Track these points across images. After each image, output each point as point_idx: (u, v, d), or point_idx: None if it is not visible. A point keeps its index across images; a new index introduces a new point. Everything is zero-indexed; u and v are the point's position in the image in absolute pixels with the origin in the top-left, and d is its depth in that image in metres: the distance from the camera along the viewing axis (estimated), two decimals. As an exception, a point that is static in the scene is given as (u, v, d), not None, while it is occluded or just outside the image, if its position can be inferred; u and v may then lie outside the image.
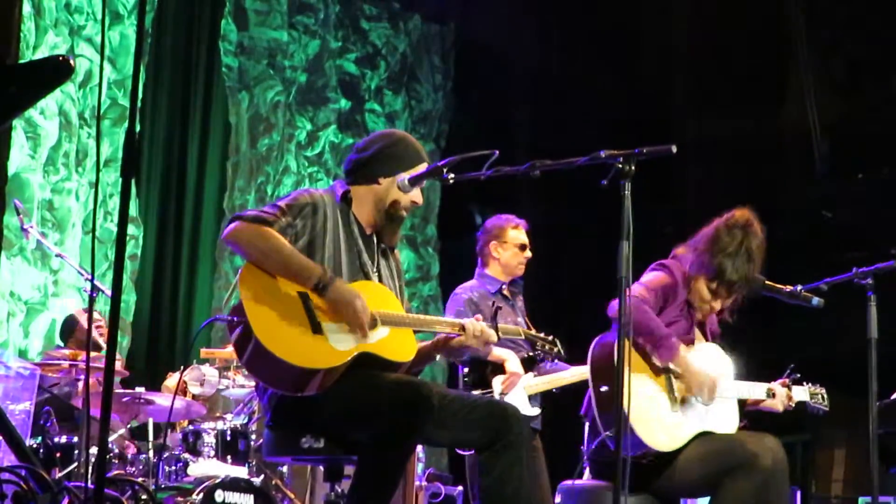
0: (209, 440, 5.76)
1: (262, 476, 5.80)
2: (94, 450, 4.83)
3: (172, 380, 6.07)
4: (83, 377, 5.72)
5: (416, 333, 3.82)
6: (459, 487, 6.83)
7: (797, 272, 4.73)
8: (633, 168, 3.40)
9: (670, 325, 4.39)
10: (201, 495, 5.14)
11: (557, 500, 4.64)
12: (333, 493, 3.85)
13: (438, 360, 4.05)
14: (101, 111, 4.08)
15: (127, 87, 7.82)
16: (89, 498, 3.23)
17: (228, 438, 5.81)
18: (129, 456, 5.76)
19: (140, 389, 5.80)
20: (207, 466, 5.60)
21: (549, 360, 5.11)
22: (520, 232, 5.64)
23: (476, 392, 5.15)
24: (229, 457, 5.77)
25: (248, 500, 5.28)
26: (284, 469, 6.15)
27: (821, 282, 4.58)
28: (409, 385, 3.54)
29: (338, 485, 3.84)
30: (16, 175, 7.18)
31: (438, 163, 3.80)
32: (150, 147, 8.19)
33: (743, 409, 4.55)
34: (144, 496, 4.86)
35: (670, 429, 4.28)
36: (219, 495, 5.20)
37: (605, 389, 4.17)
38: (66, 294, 7.49)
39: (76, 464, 5.48)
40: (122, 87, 7.89)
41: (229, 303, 3.68)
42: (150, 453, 5.52)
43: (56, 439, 5.69)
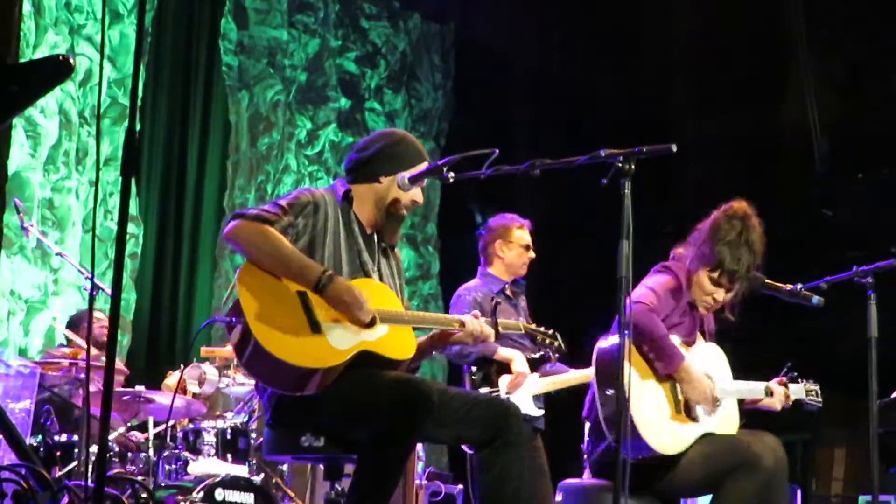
0: (209, 439, 5.75)
1: (263, 475, 5.80)
2: (95, 448, 4.83)
3: (172, 378, 6.07)
4: (91, 376, 5.74)
5: (415, 330, 3.82)
6: (459, 486, 6.83)
7: (797, 271, 4.73)
8: (633, 167, 3.39)
9: (675, 327, 4.39)
10: (201, 494, 5.13)
11: (558, 499, 4.63)
12: (333, 491, 3.85)
13: (439, 358, 4.05)
14: (101, 110, 4.07)
15: (127, 85, 7.81)
16: (89, 496, 3.23)
17: (229, 437, 5.81)
18: (130, 455, 5.76)
19: (140, 388, 5.80)
20: (207, 465, 5.60)
21: (550, 355, 5.11)
22: (524, 232, 5.64)
23: (483, 391, 5.15)
24: (229, 455, 5.77)
25: (249, 498, 5.27)
26: (284, 468, 6.15)
27: (821, 280, 4.59)
28: (408, 383, 3.54)
29: (338, 483, 3.84)
30: (16, 174, 7.17)
31: (438, 161, 3.79)
32: (150, 146, 8.19)
33: (741, 407, 4.55)
34: (144, 495, 4.86)
35: (675, 432, 4.28)
36: (219, 494, 5.19)
37: (611, 393, 4.16)
38: (66, 293, 7.49)
39: (76, 462, 5.48)
40: (122, 86, 7.88)
41: (228, 302, 3.68)
42: (150, 452, 5.52)
43: (56, 438, 5.69)
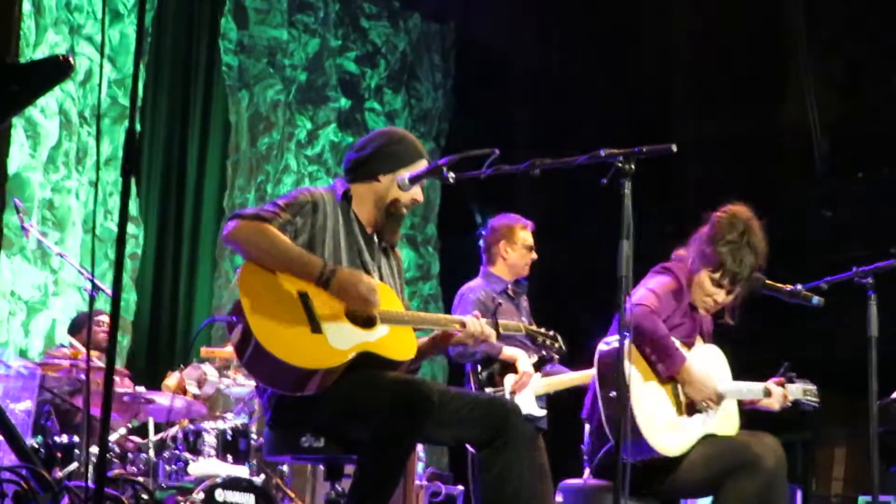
0: (210, 439, 5.75)
1: (263, 475, 5.80)
2: (95, 449, 4.83)
3: (172, 379, 6.07)
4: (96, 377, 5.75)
5: (415, 331, 3.82)
6: (460, 486, 6.83)
7: (797, 271, 4.73)
8: (633, 167, 3.39)
9: (675, 328, 4.39)
10: (202, 494, 5.14)
11: (559, 500, 4.63)
12: (334, 492, 3.85)
13: (439, 358, 4.04)
14: (101, 110, 4.06)
15: (127, 85, 7.81)
16: (90, 497, 3.23)
17: (229, 438, 5.81)
18: (130, 455, 5.76)
19: (140, 389, 5.80)
20: (208, 466, 5.60)
21: (551, 357, 5.11)
22: (528, 233, 5.65)
23: (488, 391, 5.15)
24: (230, 456, 5.76)
25: (249, 499, 5.27)
26: (285, 468, 6.15)
27: (821, 281, 4.58)
28: (409, 384, 3.53)
29: (338, 484, 3.83)
30: (16, 174, 7.17)
31: (439, 161, 3.79)
32: (150, 146, 8.19)
33: (741, 408, 4.55)
34: (145, 496, 4.86)
35: (678, 433, 4.28)
36: (219, 494, 5.19)
37: (613, 395, 4.16)
38: (66, 293, 7.48)
39: (77, 463, 5.48)
40: (122, 86, 7.88)
41: (229, 303, 3.68)
42: (151, 452, 5.52)
43: (56, 439, 5.69)
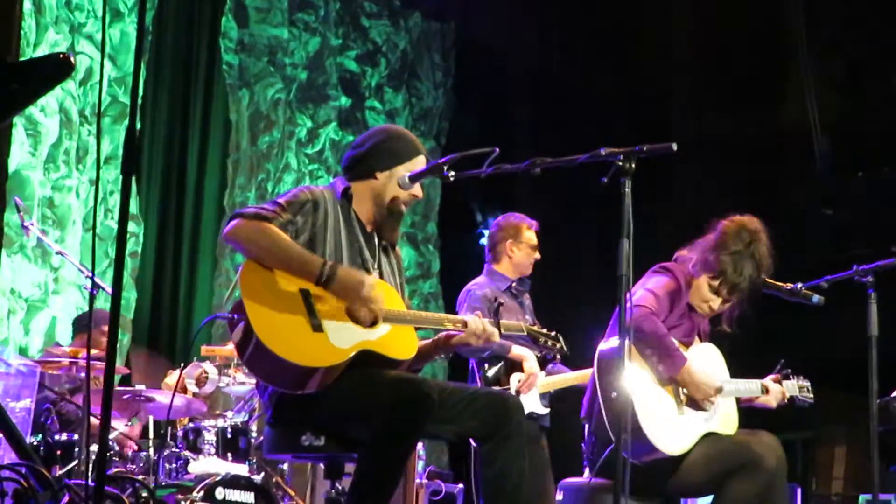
0: (210, 438, 5.75)
1: (263, 474, 5.80)
2: (95, 447, 4.83)
3: (172, 377, 6.07)
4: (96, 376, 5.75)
5: (417, 331, 3.82)
6: (460, 485, 6.83)
7: (797, 270, 4.73)
8: (633, 166, 3.40)
9: (674, 328, 4.39)
10: (202, 493, 5.14)
11: (559, 499, 4.63)
12: (334, 490, 3.85)
13: (440, 358, 4.03)
14: (101, 108, 4.06)
15: (127, 84, 7.81)
16: (90, 496, 3.23)
17: (229, 436, 5.81)
18: (130, 454, 5.76)
19: (140, 387, 5.80)
20: (208, 464, 5.60)
21: (553, 358, 5.12)
22: (533, 233, 5.69)
23: (495, 389, 5.16)
24: (230, 454, 5.77)
25: (249, 497, 5.28)
26: (285, 467, 6.15)
27: (821, 279, 4.59)
28: (409, 382, 3.53)
29: (338, 482, 3.83)
30: (16, 172, 7.17)
31: (439, 160, 3.79)
32: (151, 144, 8.19)
33: (739, 406, 4.56)
34: (145, 494, 4.86)
35: (679, 433, 4.29)
36: (219, 493, 5.19)
37: (615, 395, 4.16)
38: (66, 292, 7.49)
39: (77, 461, 5.48)
40: (122, 85, 7.88)
41: (229, 302, 3.68)
42: (151, 451, 5.52)
43: (56, 437, 5.70)
